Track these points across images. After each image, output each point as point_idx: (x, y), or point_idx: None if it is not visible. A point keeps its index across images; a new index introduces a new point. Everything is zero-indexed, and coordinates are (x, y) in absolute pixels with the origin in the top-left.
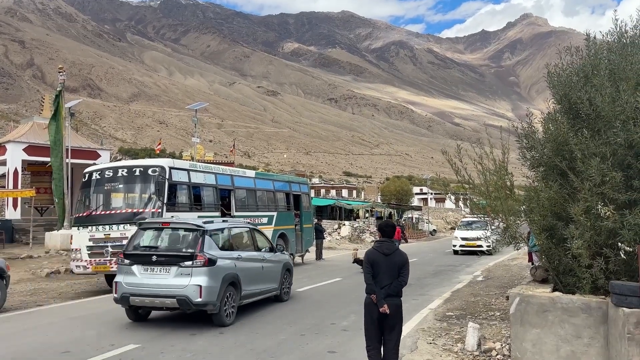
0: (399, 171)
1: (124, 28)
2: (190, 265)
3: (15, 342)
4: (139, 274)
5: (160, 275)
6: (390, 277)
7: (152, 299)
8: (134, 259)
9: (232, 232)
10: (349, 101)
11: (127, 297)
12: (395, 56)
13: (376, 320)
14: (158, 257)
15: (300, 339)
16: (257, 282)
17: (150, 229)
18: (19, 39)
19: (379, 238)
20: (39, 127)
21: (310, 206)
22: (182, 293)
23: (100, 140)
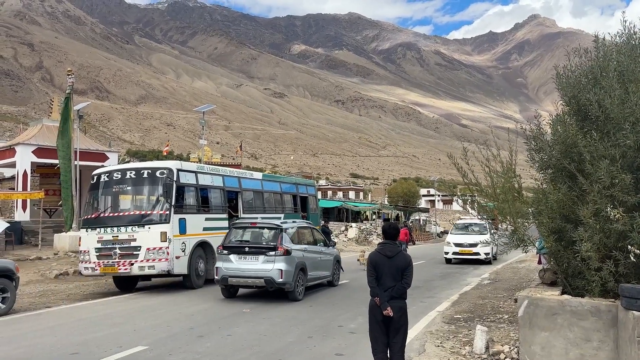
0: (406, 173)
1: (131, 31)
2: (273, 254)
3: (24, 343)
4: (235, 261)
5: (251, 262)
6: (394, 280)
7: (245, 279)
8: (231, 250)
9: (299, 230)
10: (355, 103)
11: (226, 278)
12: (402, 58)
13: (381, 322)
14: (250, 248)
15: (307, 341)
16: (317, 269)
17: (241, 228)
18: (28, 42)
19: (382, 240)
20: (48, 130)
21: (317, 208)
22: (268, 275)
23: (108, 143)
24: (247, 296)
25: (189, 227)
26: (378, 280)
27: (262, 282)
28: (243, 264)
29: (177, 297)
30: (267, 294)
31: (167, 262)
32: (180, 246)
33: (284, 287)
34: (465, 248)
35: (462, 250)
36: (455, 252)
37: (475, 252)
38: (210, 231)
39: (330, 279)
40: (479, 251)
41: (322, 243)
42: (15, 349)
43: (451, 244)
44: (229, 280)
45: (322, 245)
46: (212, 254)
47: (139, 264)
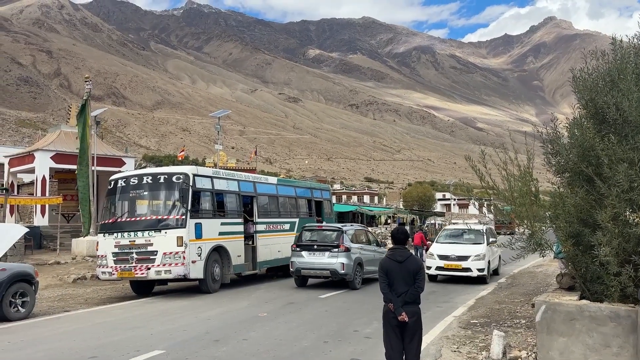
0: (421, 177)
1: (147, 37)
2: (337, 251)
3: (44, 347)
4: (305, 256)
5: (319, 257)
6: (406, 285)
7: (314, 270)
8: (302, 248)
9: (357, 232)
10: (370, 107)
11: (299, 270)
12: (417, 61)
13: (396, 328)
14: (318, 246)
15: (323, 346)
16: (372, 264)
17: (310, 230)
18: (46, 49)
19: (392, 245)
20: (66, 136)
21: (332, 212)
22: (333, 267)
23: (125, 148)
24: (263, 302)
25: (204, 232)
26: (390, 285)
27: (327, 273)
28: (312, 259)
29: (193, 302)
30: (286, 298)
31: (183, 267)
32: (197, 251)
33: (345, 277)
34: (452, 262)
35: (448, 264)
36: (439, 266)
37: (465, 267)
38: (225, 235)
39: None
40: (469, 266)
41: (375, 243)
42: (35, 352)
43: (434, 256)
44: (302, 272)
45: (375, 244)
46: (227, 259)
47: (156, 268)
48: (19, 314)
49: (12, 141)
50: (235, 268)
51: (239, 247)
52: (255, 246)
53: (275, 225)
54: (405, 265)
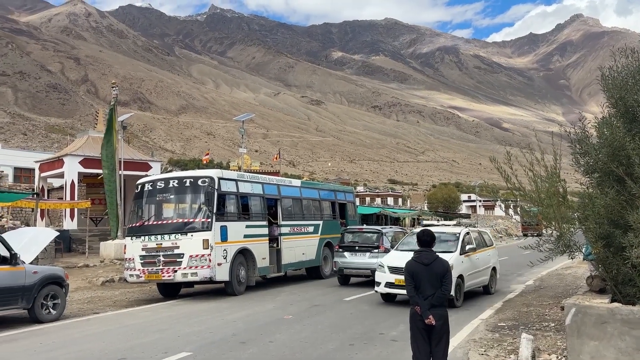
0: (445, 178)
1: (172, 42)
2: (377, 251)
3: (75, 348)
4: (348, 257)
5: (360, 257)
6: (433, 287)
7: (356, 270)
8: (345, 249)
9: (395, 234)
10: (393, 108)
11: (342, 269)
12: (441, 62)
13: (423, 331)
14: (359, 247)
15: (349, 349)
16: None
17: (351, 232)
18: (74, 56)
19: (417, 248)
20: (93, 141)
21: (356, 214)
22: (373, 267)
23: (151, 152)
24: (287, 304)
25: (230, 235)
26: (417, 288)
27: (368, 272)
28: (354, 259)
29: (219, 304)
30: (311, 300)
31: (209, 269)
32: (222, 253)
33: None
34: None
35: (400, 280)
36: (389, 282)
37: None
38: (250, 238)
39: None
40: None
41: None
42: (66, 353)
43: (384, 268)
44: (344, 271)
45: None
46: (252, 261)
47: (182, 270)
48: (51, 315)
49: (42, 146)
50: (260, 270)
51: (263, 250)
52: (279, 249)
53: (299, 228)
54: (432, 268)
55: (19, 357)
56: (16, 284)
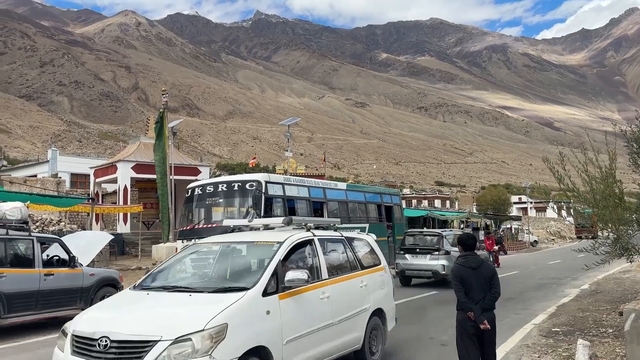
0: (495, 179)
1: (218, 49)
2: (437, 254)
3: None
4: (409, 258)
5: (421, 259)
6: (482, 291)
7: (417, 271)
8: (406, 251)
9: (455, 236)
10: (439, 109)
11: (404, 270)
12: (488, 61)
13: (473, 336)
14: (420, 250)
15: (399, 353)
16: None
17: (412, 235)
18: (125, 64)
19: (460, 252)
20: (145, 147)
21: (402, 217)
22: (434, 268)
23: (199, 157)
24: None
25: None
26: (467, 293)
27: (429, 274)
28: (415, 260)
29: None
30: None
31: None
32: None
33: (446, 277)
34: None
35: None
36: None
37: None
38: None
39: None
40: None
41: None
42: None
43: None
44: (406, 272)
45: None
46: None
47: None
48: None
49: (96, 153)
50: None
51: None
52: None
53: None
54: (480, 272)
55: None
56: (75, 286)
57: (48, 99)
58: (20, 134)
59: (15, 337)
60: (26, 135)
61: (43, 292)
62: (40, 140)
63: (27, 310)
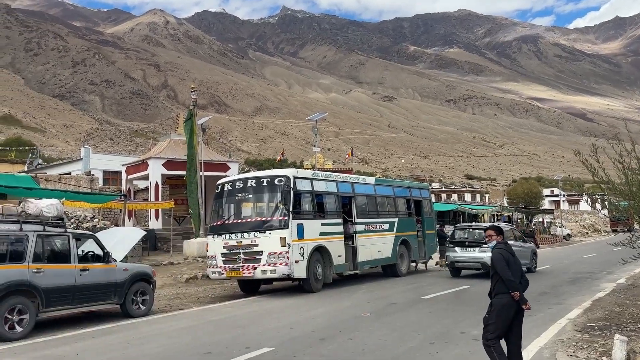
0: (526, 172)
1: (245, 46)
2: (486, 246)
3: (164, 342)
4: (459, 251)
5: (470, 252)
6: (517, 278)
7: (466, 263)
8: (455, 244)
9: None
10: (468, 101)
11: (453, 262)
12: (518, 52)
13: (509, 319)
14: (469, 243)
15: (429, 347)
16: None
17: (461, 229)
18: (154, 63)
19: (498, 240)
20: (175, 144)
21: (432, 212)
22: (483, 260)
23: (228, 153)
24: (365, 302)
25: (306, 232)
26: None
27: (478, 265)
28: (464, 253)
29: (297, 301)
30: (388, 299)
31: (287, 266)
32: (299, 250)
33: None
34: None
35: None
36: None
37: None
38: (326, 236)
39: (529, 266)
40: None
41: (522, 239)
42: (157, 346)
43: None
44: (455, 264)
45: (521, 241)
46: (329, 258)
47: (262, 268)
48: (140, 311)
49: (127, 150)
50: (337, 268)
51: (339, 247)
52: (355, 246)
53: (374, 225)
54: (517, 259)
55: (114, 349)
56: (109, 281)
57: (80, 98)
58: (55, 132)
59: (54, 330)
60: (60, 134)
61: (79, 286)
62: (74, 139)
63: (64, 305)
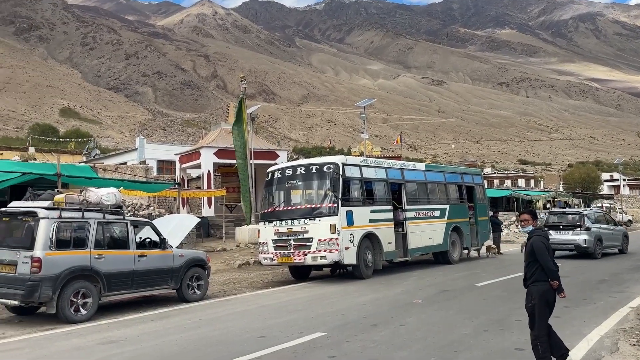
0: (583, 156)
1: (292, 34)
2: (579, 230)
3: (220, 326)
4: (554, 234)
5: (564, 235)
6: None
7: (561, 245)
8: (550, 227)
9: (596, 215)
10: (522, 84)
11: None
12: (575, 31)
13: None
14: (563, 226)
15: (483, 334)
16: (610, 240)
17: (555, 214)
18: (204, 53)
19: (533, 225)
20: (225, 133)
21: (484, 198)
22: (576, 242)
23: (277, 142)
24: (416, 289)
25: (355, 219)
26: None
27: (572, 247)
28: (559, 236)
29: (347, 287)
30: (439, 286)
31: (337, 253)
32: (349, 237)
33: (587, 250)
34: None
35: None
36: None
37: None
38: (376, 223)
39: (620, 247)
40: None
41: (613, 223)
42: (212, 330)
43: None
44: (550, 247)
45: (612, 224)
46: (378, 245)
47: (312, 254)
48: (196, 295)
49: (179, 140)
50: (387, 255)
51: (389, 234)
52: (405, 233)
53: (424, 212)
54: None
55: (172, 332)
56: (166, 266)
57: (134, 89)
58: (110, 124)
59: (115, 314)
60: (115, 125)
61: (137, 272)
62: (128, 130)
63: (124, 289)
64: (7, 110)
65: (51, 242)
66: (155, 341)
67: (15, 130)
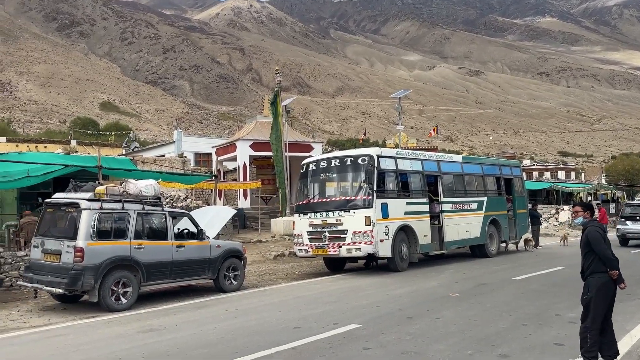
0: (627, 148)
1: (327, 25)
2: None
3: (255, 316)
4: (629, 224)
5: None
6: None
7: (636, 234)
8: (626, 218)
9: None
10: (562, 74)
11: (624, 234)
12: (619, 18)
13: (610, 298)
14: (638, 217)
15: (521, 328)
16: None
17: (630, 206)
18: (239, 47)
19: (588, 218)
20: (261, 125)
21: (523, 190)
22: None
23: (312, 134)
24: (452, 282)
25: (390, 212)
26: None
27: None
28: (634, 226)
29: (382, 279)
30: (476, 279)
31: (372, 245)
32: (384, 230)
33: None
34: None
35: None
36: None
37: None
38: (411, 215)
39: None
40: None
41: None
42: (248, 320)
43: None
44: (626, 235)
45: None
46: (414, 238)
47: (347, 246)
48: (232, 286)
49: (216, 133)
50: (422, 247)
51: (425, 227)
52: (441, 226)
53: (461, 205)
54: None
55: (209, 321)
56: (203, 257)
57: (171, 83)
58: (148, 117)
59: (154, 303)
60: (153, 119)
61: (176, 262)
62: (166, 123)
63: (163, 279)
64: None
65: (93, 233)
66: (194, 330)
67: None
